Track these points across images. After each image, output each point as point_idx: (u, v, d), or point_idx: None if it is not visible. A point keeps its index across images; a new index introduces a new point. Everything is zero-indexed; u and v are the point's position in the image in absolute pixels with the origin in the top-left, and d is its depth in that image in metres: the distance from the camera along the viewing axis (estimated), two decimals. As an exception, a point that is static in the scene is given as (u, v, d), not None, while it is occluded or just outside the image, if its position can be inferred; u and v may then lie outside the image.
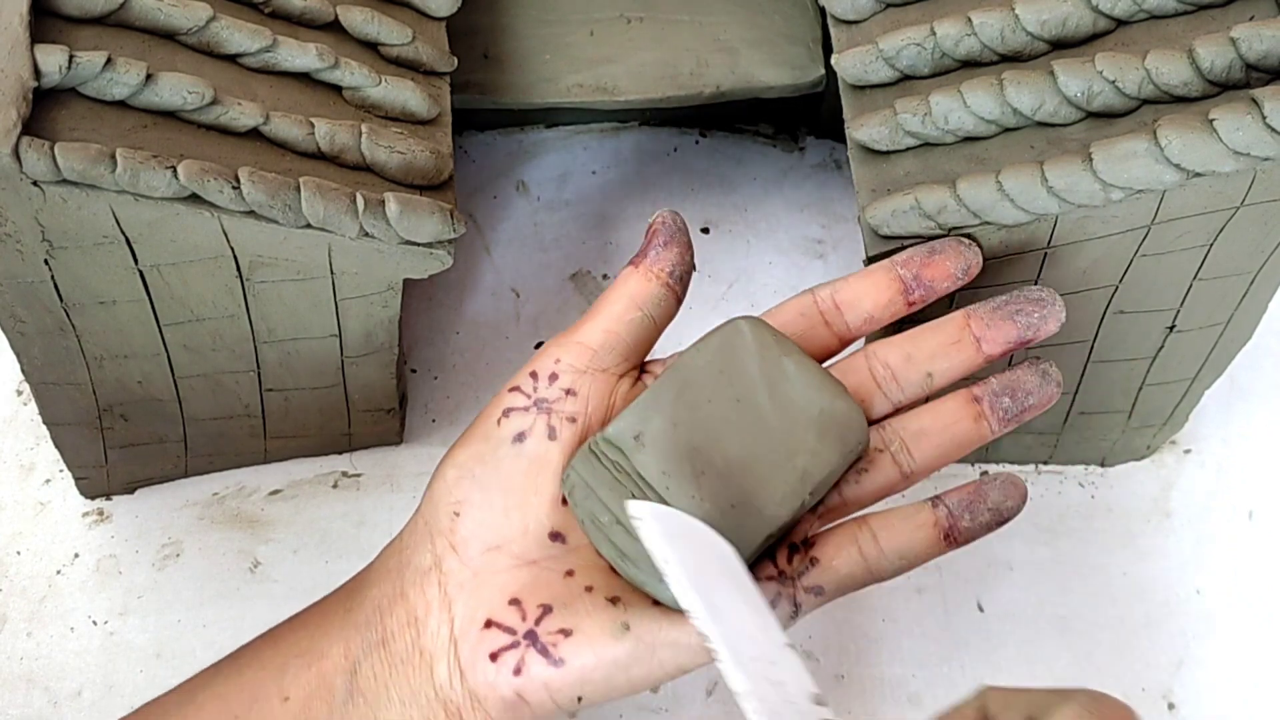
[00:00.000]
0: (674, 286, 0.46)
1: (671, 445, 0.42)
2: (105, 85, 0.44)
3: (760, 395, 0.43)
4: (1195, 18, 0.48)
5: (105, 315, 0.49)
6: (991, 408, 0.45)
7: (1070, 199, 0.46)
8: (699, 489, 0.42)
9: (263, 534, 0.59)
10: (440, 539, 0.44)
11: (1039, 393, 0.45)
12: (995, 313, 0.45)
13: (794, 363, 0.44)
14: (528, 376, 0.45)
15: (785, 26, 0.63)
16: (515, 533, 0.43)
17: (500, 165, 0.69)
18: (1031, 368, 0.46)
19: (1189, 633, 0.58)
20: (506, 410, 0.44)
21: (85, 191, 0.44)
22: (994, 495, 0.44)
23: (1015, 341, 0.45)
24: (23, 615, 0.57)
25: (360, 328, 0.53)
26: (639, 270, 0.46)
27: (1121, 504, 0.61)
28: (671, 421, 0.43)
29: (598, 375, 0.45)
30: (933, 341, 0.45)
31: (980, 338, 0.45)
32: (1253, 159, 0.44)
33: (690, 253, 0.46)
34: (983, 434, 0.45)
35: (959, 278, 0.46)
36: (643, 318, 0.45)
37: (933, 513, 0.44)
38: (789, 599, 0.43)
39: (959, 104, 0.48)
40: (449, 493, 0.44)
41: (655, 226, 0.46)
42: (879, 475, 0.45)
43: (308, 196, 0.46)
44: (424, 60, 0.52)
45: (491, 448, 0.44)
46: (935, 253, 0.46)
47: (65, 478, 0.59)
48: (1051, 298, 0.45)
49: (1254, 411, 0.64)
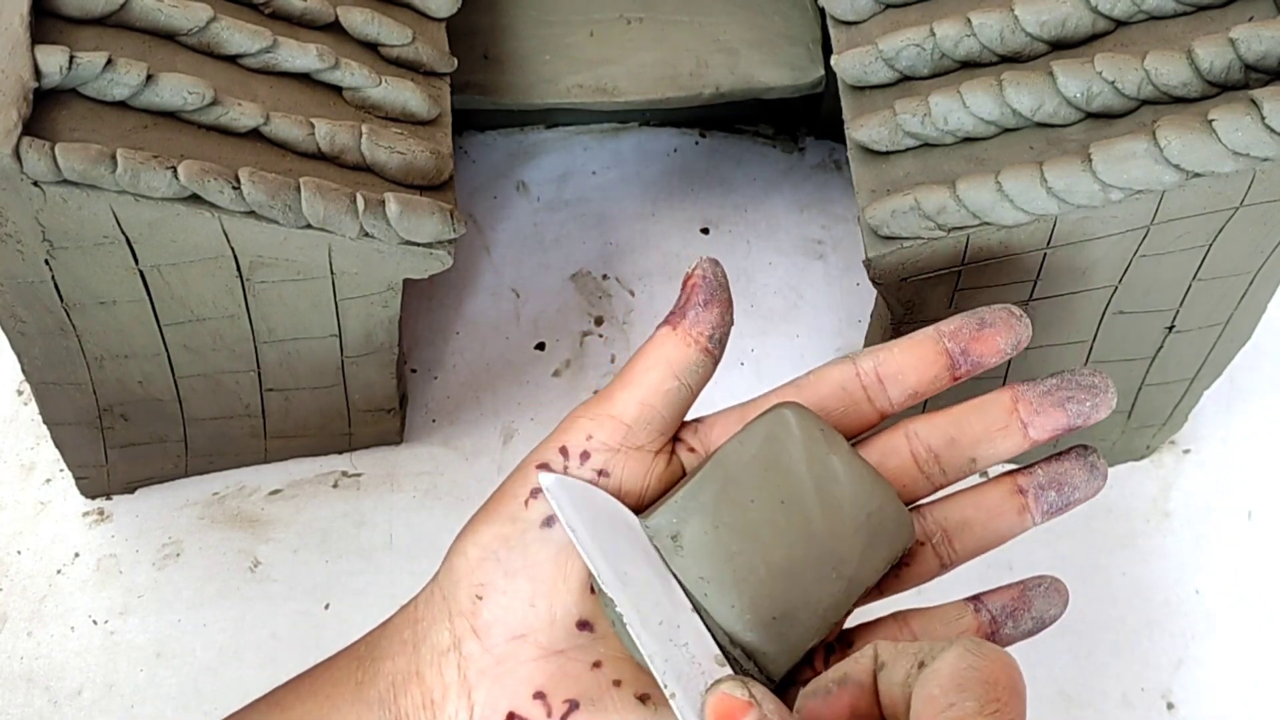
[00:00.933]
0: (713, 351, 0.43)
1: (712, 550, 0.40)
2: (106, 86, 0.45)
3: (807, 497, 0.40)
4: (1194, 18, 0.48)
5: (106, 315, 0.49)
6: (1036, 500, 0.43)
7: (1070, 199, 0.46)
8: (739, 598, 0.39)
9: (263, 534, 0.59)
10: (460, 620, 0.41)
11: (1085, 487, 0.43)
12: (1045, 398, 0.43)
13: (842, 461, 0.41)
14: (557, 453, 0.42)
15: (785, 27, 0.63)
16: (542, 622, 0.40)
17: (500, 165, 0.69)
18: (1080, 460, 0.43)
19: (1188, 633, 0.58)
20: (534, 491, 0.41)
21: (86, 192, 0.44)
22: (1038, 604, 0.43)
23: (1064, 429, 0.43)
24: (23, 615, 0.57)
25: (360, 328, 0.53)
26: (677, 334, 0.42)
27: (1121, 504, 0.61)
28: (713, 523, 0.40)
29: (631, 454, 0.42)
30: (978, 425, 0.43)
31: (1028, 424, 0.43)
32: (1252, 159, 0.44)
33: (731, 310, 0.43)
34: (1025, 526, 0.43)
35: (1008, 353, 0.43)
36: (680, 388, 0.42)
37: (975, 618, 0.43)
38: None
39: (958, 105, 0.48)
40: (471, 573, 0.41)
41: (695, 281, 0.43)
42: (919, 568, 0.43)
43: (308, 197, 0.46)
44: (424, 61, 0.52)
45: (518, 531, 0.41)
46: (985, 325, 0.43)
47: (66, 477, 0.59)
48: (1104, 384, 0.43)
49: (1253, 412, 0.64)
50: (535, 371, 0.63)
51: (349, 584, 0.58)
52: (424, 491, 0.60)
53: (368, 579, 0.58)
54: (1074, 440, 0.45)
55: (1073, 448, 0.44)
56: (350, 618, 0.57)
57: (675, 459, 0.43)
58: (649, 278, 0.66)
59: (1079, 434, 0.59)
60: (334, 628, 0.57)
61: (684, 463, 0.43)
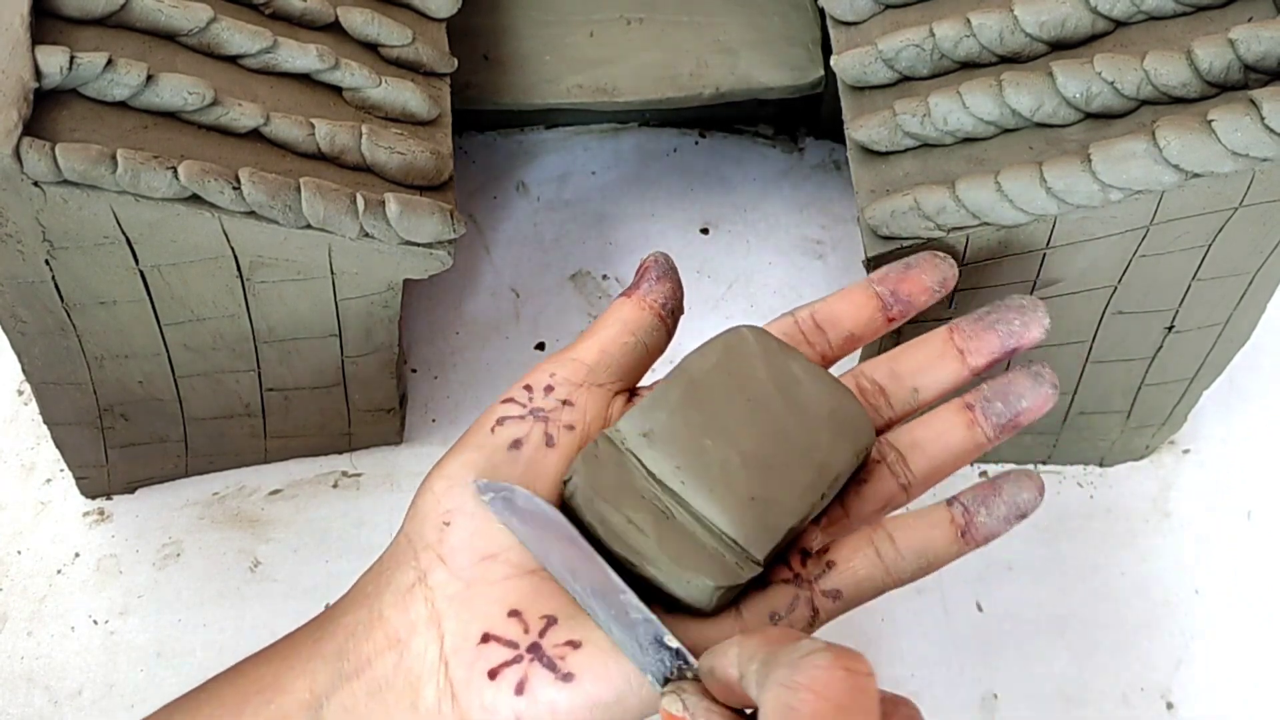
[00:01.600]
0: (666, 319, 0.46)
1: (684, 441, 0.41)
2: (106, 86, 0.45)
3: (771, 395, 0.42)
4: (1194, 19, 0.48)
5: (106, 315, 0.49)
6: (984, 414, 0.44)
7: (1069, 200, 0.46)
8: (716, 482, 0.41)
9: (263, 534, 0.59)
10: (426, 553, 0.41)
11: (1031, 395, 0.44)
12: (977, 324, 0.45)
13: (800, 366, 0.43)
14: (521, 389, 0.44)
15: (785, 28, 0.63)
16: (510, 541, 0.41)
17: (500, 166, 0.69)
18: (1024, 371, 0.45)
19: (1188, 632, 0.58)
20: (500, 419, 0.43)
21: (86, 192, 0.44)
22: (1009, 489, 0.43)
23: (999, 351, 0.45)
24: (23, 614, 0.57)
25: (360, 327, 0.53)
26: (632, 299, 0.45)
27: (1120, 504, 0.61)
28: (682, 419, 0.42)
29: (593, 389, 0.44)
30: (918, 357, 0.45)
31: (964, 350, 0.45)
32: (1251, 160, 0.44)
33: (681, 291, 0.46)
34: (978, 441, 0.44)
35: (936, 290, 0.46)
36: (636, 343, 0.45)
37: (948, 511, 0.43)
38: (806, 602, 0.42)
39: (958, 105, 0.48)
40: (437, 504, 0.41)
41: (648, 264, 0.46)
42: (878, 486, 0.44)
43: (308, 197, 0.46)
44: (424, 61, 0.53)
45: (485, 455, 0.42)
46: (911, 268, 0.46)
47: (66, 477, 0.59)
48: (1033, 305, 0.45)
49: (1253, 411, 0.64)
50: (535, 371, 0.63)
51: (349, 584, 0.58)
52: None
53: (368, 579, 0.58)
54: (1071, 436, 0.45)
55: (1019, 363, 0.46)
56: (350, 618, 0.57)
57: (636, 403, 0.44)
58: (649, 278, 0.66)
59: (1073, 428, 0.59)
60: (334, 628, 0.57)
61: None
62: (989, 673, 0.57)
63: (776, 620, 0.41)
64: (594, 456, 0.42)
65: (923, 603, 0.58)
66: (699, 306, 0.65)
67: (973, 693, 0.57)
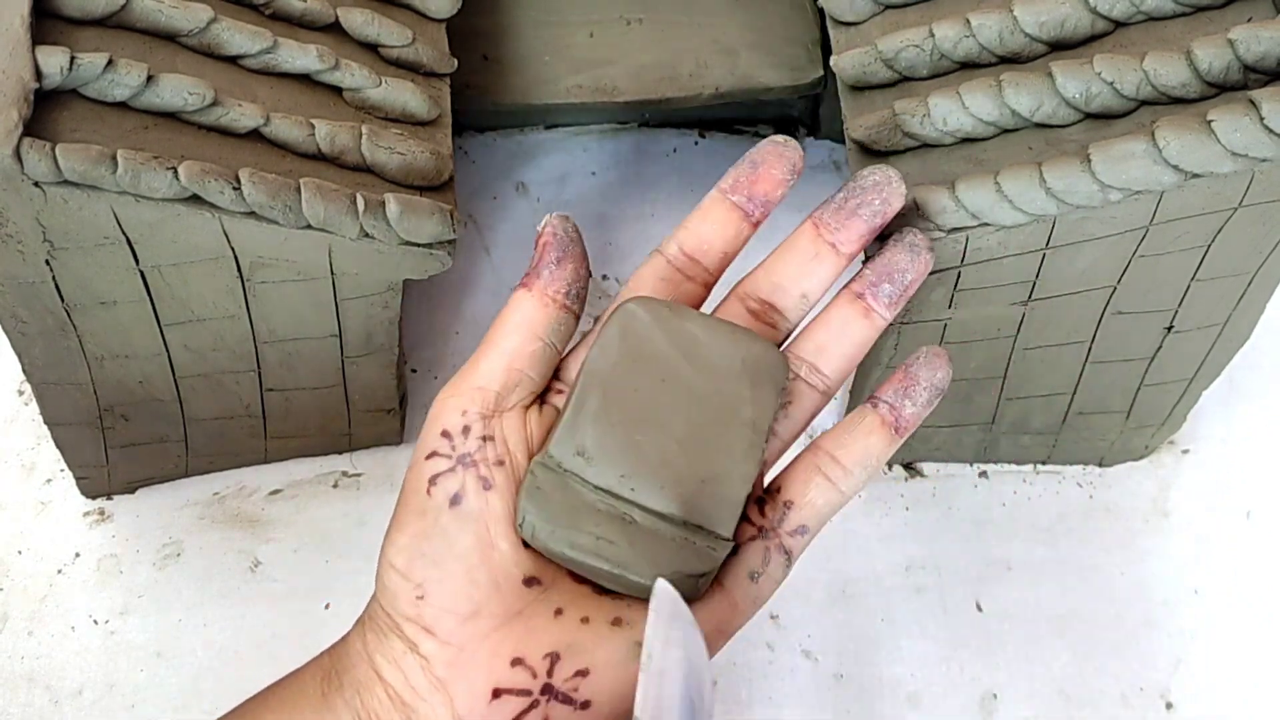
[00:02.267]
0: (572, 307, 0.44)
1: (619, 447, 0.41)
2: (106, 86, 0.45)
3: (681, 368, 0.42)
4: (1193, 19, 0.48)
5: (106, 315, 0.49)
6: (875, 299, 0.44)
7: (1069, 200, 0.46)
8: (663, 478, 0.41)
9: (263, 534, 0.59)
10: (409, 625, 0.41)
11: (913, 266, 0.45)
12: (839, 213, 0.44)
13: (697, 325, 0.42)
14: (439, 437, 0.42)
15: (784, 28, 0.63)
16: (487, 594, 0.41)
17: (500, 166, 0.69)
18: (898, 245, 0.45)
19: (1187, 632, 0.58)
20: (432, 478, 0.42)
21: (86, 192, 0.44)
22: (924, 374, 0.44)
23: (868, 233, 0.44)
24: (24, 614, 0.57)
25: (361, 328, 0.53)
26: (533, 294, 0.43)
27: (1120, 504, 0.61)
28: (609, 424, 0.41)
29: (507, 415, 0.43)
30: (793, 264, 0.45)
31: (834, 243, 0.44)
32: (1251, 160, 0.44)
33: (586, 263, 0.44)
34: (877, 325, 0.45)
35: (789, 180, 0.45)
36: (544, 348, 0.43)
37: (875, 413, 0.44)
38: (778, 549, 0.42)
39: (957, 105, 0.48)
40: (404, 580, 0.41)
41: (546, 240, 0.44)
42: (802, 403, 0.44)
43: (308, 197, 0.46)
44: (424, 62, 0.53)
45: (431, 520, 0.41)
46: (758, 165, 0.45)
47: (66, 477, 0.59)
48: (885, 177, 0.44)
49: (1252, 412, 0.64)
50: (535, 372, 0.64)
51: (349, 584, 0.58)
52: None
53: (368, 579, 0.58)
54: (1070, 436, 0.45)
55: (890, 237, 0.45)
56: (350, 617, 0.57)
57: (548, 406, 0.44)
58: (649, 278, 0.66)
59: (1073, 428, 0.59)
60: (334, 627, 0.57)
61: (555, 405, 0.44)
62: (989, 672, 0.57)
63: (757, 578, 0.42)
64: (537, 489, 0.41)
65: (922, 602, 0.59)
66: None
67: (972, 692, 0.57)
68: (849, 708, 0.56)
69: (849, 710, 0.56)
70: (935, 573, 0.59)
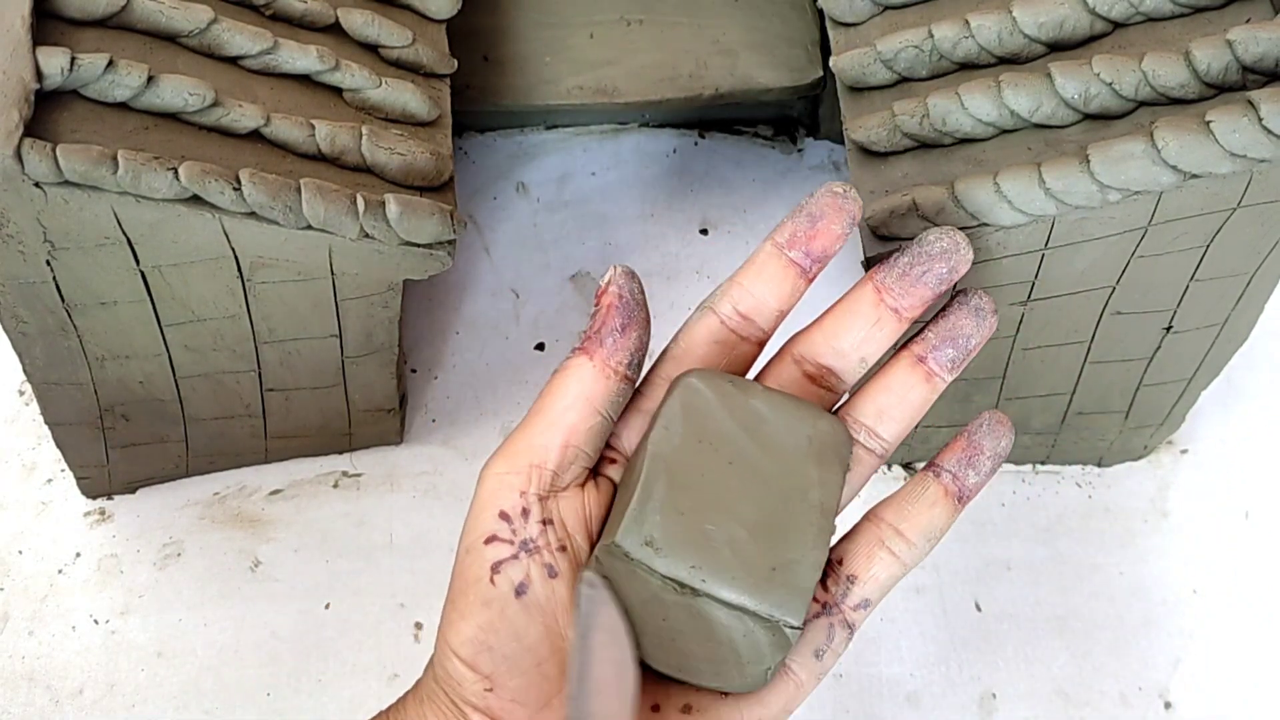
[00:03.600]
0: (632, 377, 0.41)
1: (688, 537, 0.39)
2: (107, 87, 0.45)
3: (747, 448, 0.41)
4: (1192, 20, 0.48)
5: (107, 316, 0.49)
6: (937, 363, 0.43)
7: (1067, 200, 0.46)
8: (734, 568, 0.39)
9: (263, 533, 0.59)
10: (477, 715, 0.40)
11: (978, 332, 0.43)
12: (903, 279, 0.43)
13: (761, 401, 0.41)
14: (498, 519, 0.40)
15: (784, 29, 0.63)
16: (558, 685, 0.40)
17: (500, 167, 0.69)
18: (963, 308, 0.43)
19: (1186, 632, 0.58)
20: (495, 565, 0.40)
21: (87, 193, 0.44)
22: (988, 443, 0.43)
23: (932, 300, 0.43)
24: (25, 614, 0.57)
25: (361, 328, 0.53)
26: (594, 365, 0.41)
27: (1119, 504, 0.62)
28: (677, 512, 0.39)
29: (563, 494, 0.41)
30: (854, 328, 0.43)
31: (896, 308, 0.43)
32: (1249, 160, 0.44)
33: (649, 328, 0.42)
34: (937, 389, 0.43)
35: (849, 232, 0.43)
36: (602, 422, 0.41)
37: (938, 483, 0.43)
38: (841, 624, 0.42)
39: (957, 106, 0.48)
40: (469, 672, 0.39)
41: (610, 301, 0.41)
42: (860, 468, 0.43)
43: (308, 198, 0.46)
44: (424, 62, 0.53)
45: (497, 612, 0.39)
46: (817, 219, 0.43)
47: (67, 477, 0.59)
48: (953, 244, 0.42)
49: (1251, 412, 0.64)
50: (535, 372, 0.64)
51: (349, 584, 0.58)
52: (424, 491, 0.60)
53: (368, 579, 0.58)
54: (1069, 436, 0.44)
55: (955, 296, 0.44)
56: (350, 617, 0.57)
57: (602, 478, 0.42)
58: (648, 278, 0.66)
59: (1072, 428, 0.59)
60: (334, 627, 0.57)
61: (610, 476, 0.42)
62: (988, 672, 0.57)
63: (821, 655, 0.41)
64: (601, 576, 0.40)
65: (922, 602, 0.59)
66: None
67: (971, 692, 0.57)
68: (848, 707, 0.56)
69: (848, 709, 0.56)
70: (934, 572, 0.59)
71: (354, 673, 0.56)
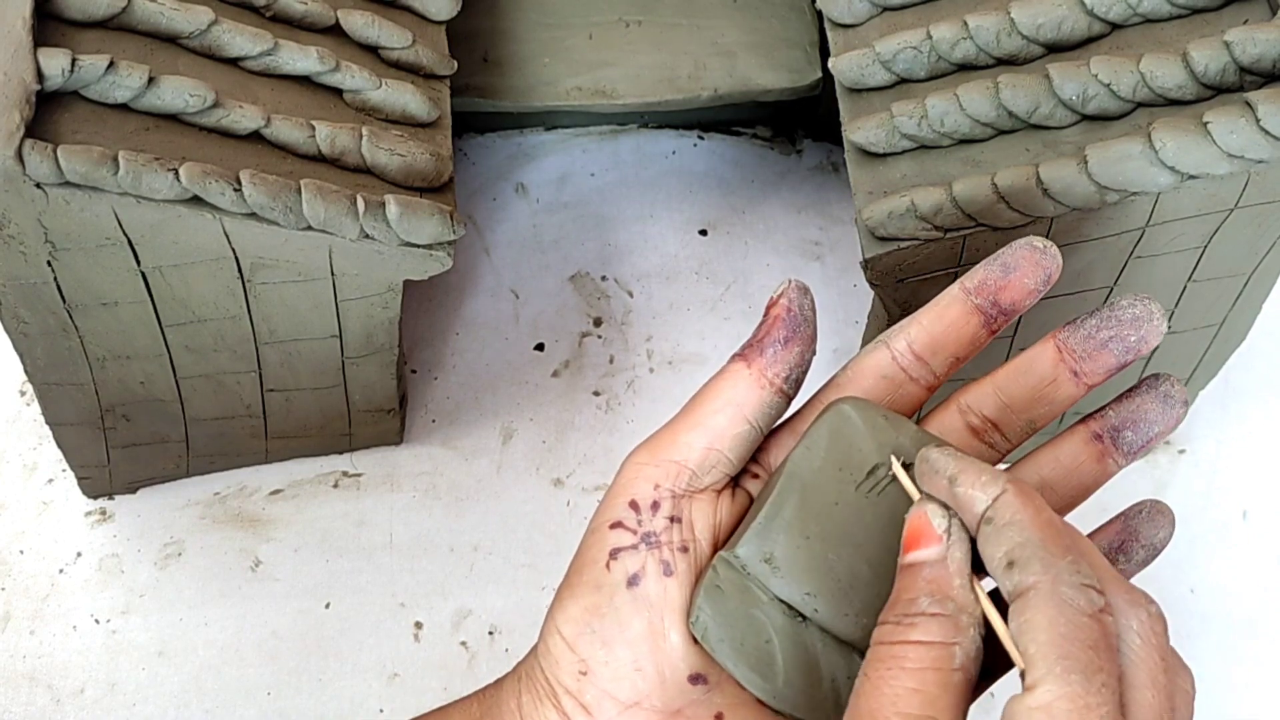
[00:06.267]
0: (788, 392, 0.40)
1: (808, 563, 0.38)
2: (108, 88, 0.45)
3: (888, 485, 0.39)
4: (1189, 21, 0.48)
5: (108, 316, 0.49)
6: (1115, 445, 0.41)
7: (1065, 201, 0.46)
8: (850, 603, 0.38)
9: (264, 533, 0.59)
10: (567, 698, 0.39)
11: (1163, 420, 0.40)
12: (1088, 342, 0.40)
13: (911, 440, 0.39)
14: (627, 508, 0.40)
15: (783, 30, 0.63)
16: (652, 685, 0.39)
17: (500, 167, 0.69)
18: (1152, 393, 0.41)
19: (1183, 632, 0.58)
20: (614, 551, 0.39)
21: (88, 194, 0.44)
22: (1145, 531, 0.41)
23: (1116, 368, 0.40)
24: (26, 614, 0.57)
25: (361, 328, 0.53)
26: (752, 373, 0.40)
27: (1116, 504, 0.61)
28: (802, 535, 0.38)
29: (698, 496, 0.40)
30: (1028, 386, 0.41)
31: (1077, 371, 0.40)
32: (1246, 161, 0.45)
33: (813, 347, 0.41)
34: (1109, 471, 0.41)
35: (1040, 291, 0.41)
36: (750, 431, 0.40)
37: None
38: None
39: (955, 107, 0.48)
40: (570, 651, 0.39)
41: (778, 313, 0.40)
42: None
43: (309, 199, 0.46)
44: (424, 63, 0.53)
45: (606, 598, 0.39)
46: (1010, 270, 0.40)
47: (68, 477, 0.60)
48: (1146, 312, 0.40)
49: (1248, 412, 0.64)
50: (534, 372, 0.64)
51: (349, 583, 0.58)
52: (424, 491, 0.60)
53: (368, 578, 0.58)
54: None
55: (1144, 379, 0.41)
56: (350, 617, 0.57)
57: (740, 490, 0.42)
58: (647, 279, 0.66)
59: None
60: (334, 626, 0.57)
61: (749, 490, 0.42)
62: (986, 672, 0.57)
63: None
64: (716, 588, 0.39)
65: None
66: (696, 308, 0.65)
67: (970, 692, 0.57)
68: (847, 707, 0.56)
69: (847, 709, 0.56)
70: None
71: (354, 672, 0.56)
